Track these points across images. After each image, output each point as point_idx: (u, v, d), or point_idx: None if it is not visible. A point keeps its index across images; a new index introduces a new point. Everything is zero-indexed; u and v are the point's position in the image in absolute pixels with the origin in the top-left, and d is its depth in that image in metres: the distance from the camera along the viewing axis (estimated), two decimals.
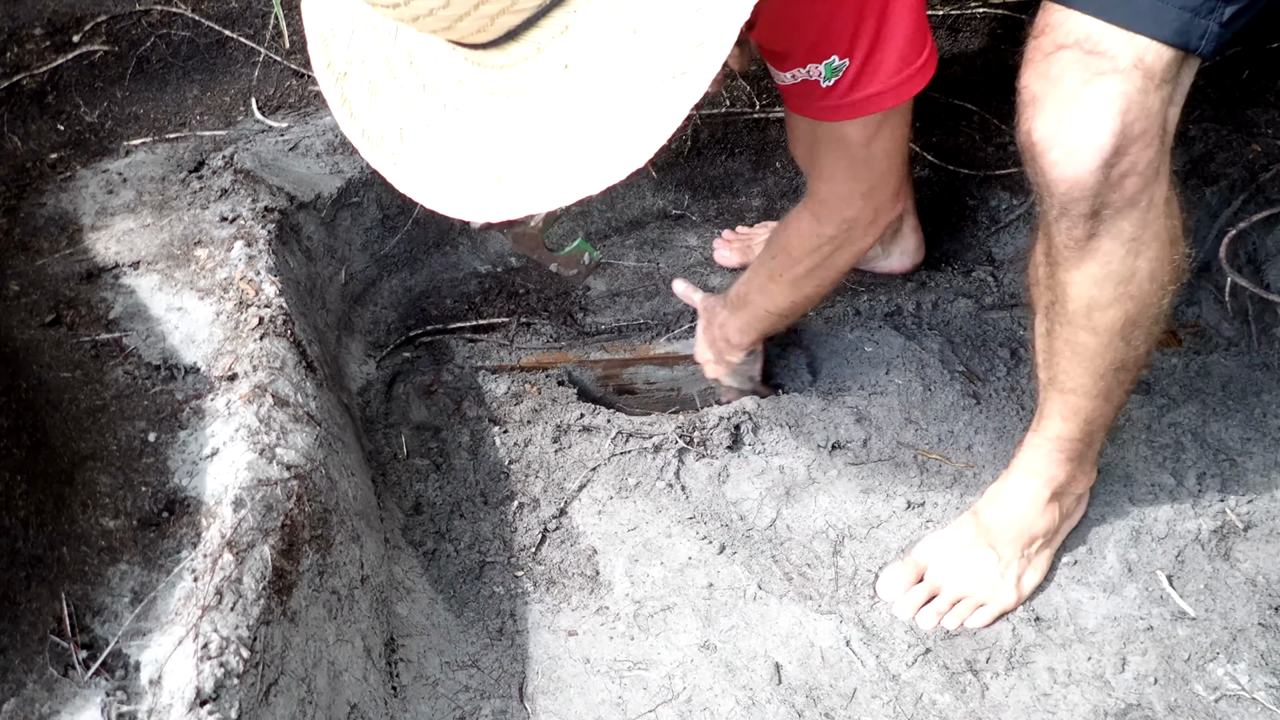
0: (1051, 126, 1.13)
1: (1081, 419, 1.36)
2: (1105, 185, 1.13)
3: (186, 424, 1.28)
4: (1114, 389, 1.33)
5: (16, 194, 1.71)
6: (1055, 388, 1.35)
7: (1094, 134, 1.10)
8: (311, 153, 1.87)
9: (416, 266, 1.98)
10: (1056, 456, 1.41)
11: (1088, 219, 1.16)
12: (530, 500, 1.57)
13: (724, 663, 1.37)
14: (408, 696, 1.30)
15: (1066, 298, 1.25)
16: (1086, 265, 1.21)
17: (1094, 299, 1.23)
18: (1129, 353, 1.29)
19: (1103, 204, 1.15)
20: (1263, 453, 1.63)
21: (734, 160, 2.13)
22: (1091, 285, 1.22)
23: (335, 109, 1.05)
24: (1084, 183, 1.13)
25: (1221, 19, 1.07)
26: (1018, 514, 1.44)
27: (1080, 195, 1.14)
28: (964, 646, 1.41)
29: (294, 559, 1.17)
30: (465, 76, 0.97)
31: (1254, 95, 1.99)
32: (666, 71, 0.85)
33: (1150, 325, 1.27)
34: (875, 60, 1.22)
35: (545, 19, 0.89)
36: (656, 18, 0.86)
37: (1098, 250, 1.19)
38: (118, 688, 1.00)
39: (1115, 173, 1.12)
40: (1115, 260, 1.20)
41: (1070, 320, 1.27)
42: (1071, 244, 1.20)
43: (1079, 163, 1.12)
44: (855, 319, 1.84)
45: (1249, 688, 1.35)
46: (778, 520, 1.57)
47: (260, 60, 2.07)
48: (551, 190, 0.91)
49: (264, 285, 1.47)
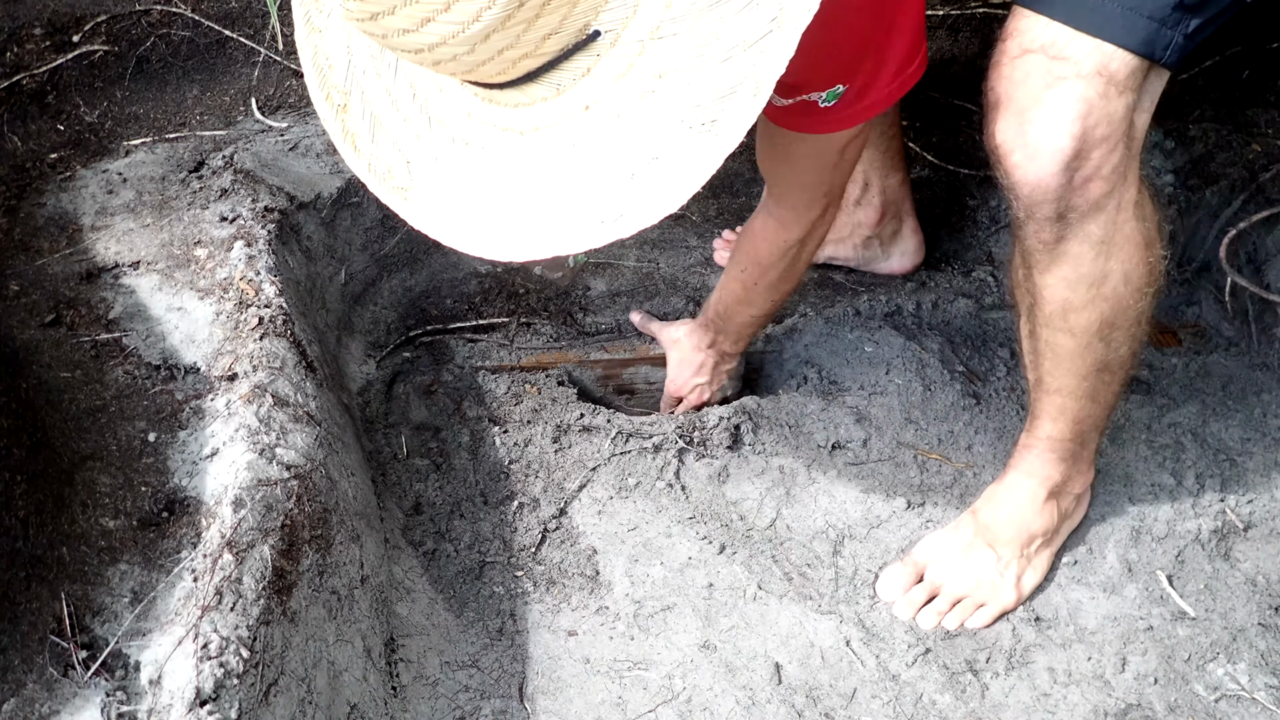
0: (1014, 129, 1.14)
1: (1070, 419, 1.37)
2: (1068, 189, 1.14)
3: (186, 424, 1.28)
4: (1099, 389, 1.34)
5: (16, 194, 1.71)
6: (1042, 389, 1.36)
7: (1054, 137, 1.11)
8: (311, 153, 1.87)
9: (416, 266, 1.98)
10: (1049, 456, 1.42)
11: (1054, 222, 1.18)
12: (530, 500, 1.57)
13: (724, 663, 1.37)
14: (408, 696, 1.30)
15: (1043, 300, 1.26)
16: (1058, 268, 1.22)
17: (1068, 301, 1.24)
18: (1109, 354, 1.29)
19: (1067, 207, 1.16)
20: (1263, 453, 1.64)
21: (734, 160, 2.11)
22: (1064, 288, 1.23)
23: (338, 143, 1.04)
24: (1046, 185, 1.14)
25: (1186, 31, 1.08)
26: (1016, 514, 1.44)
27: (1043, 198, 1.15)
28: (964, 646, 1.41)
29: (294, 559, 1.17)
30: (474, 111, 0.96)
31: (1254, 95, 1.99)
32: (696, 118, 0.86)
33: (1130, 327, 1.28)
34: (875, 79, 1.23)
35: (567, 61, 0.89)
36: (683, 65, 0.86)
37: (1067, 253, 1.20)
38: (118, 688, 1.00)
39: (1078, 176, 1.13)
40: (1085, 263, 1.20)
41: (1049, 322, 1.28)
42: (1041, 246, 1.21)
43: (1040, 166, 1.13)
44: (855, 319, 1.84)
45: (1249, 688, 1.35)
46: (778, 520, 1.57)
47: (260, 60, 2.07)
48: (580, 233, 0.91)
49: (264, 285, 1.47)
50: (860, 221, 1.91)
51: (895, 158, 1.86)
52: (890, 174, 1.86)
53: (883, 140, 1.82)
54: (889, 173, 1.86)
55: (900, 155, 1.87)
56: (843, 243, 1.94)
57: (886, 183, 1.87)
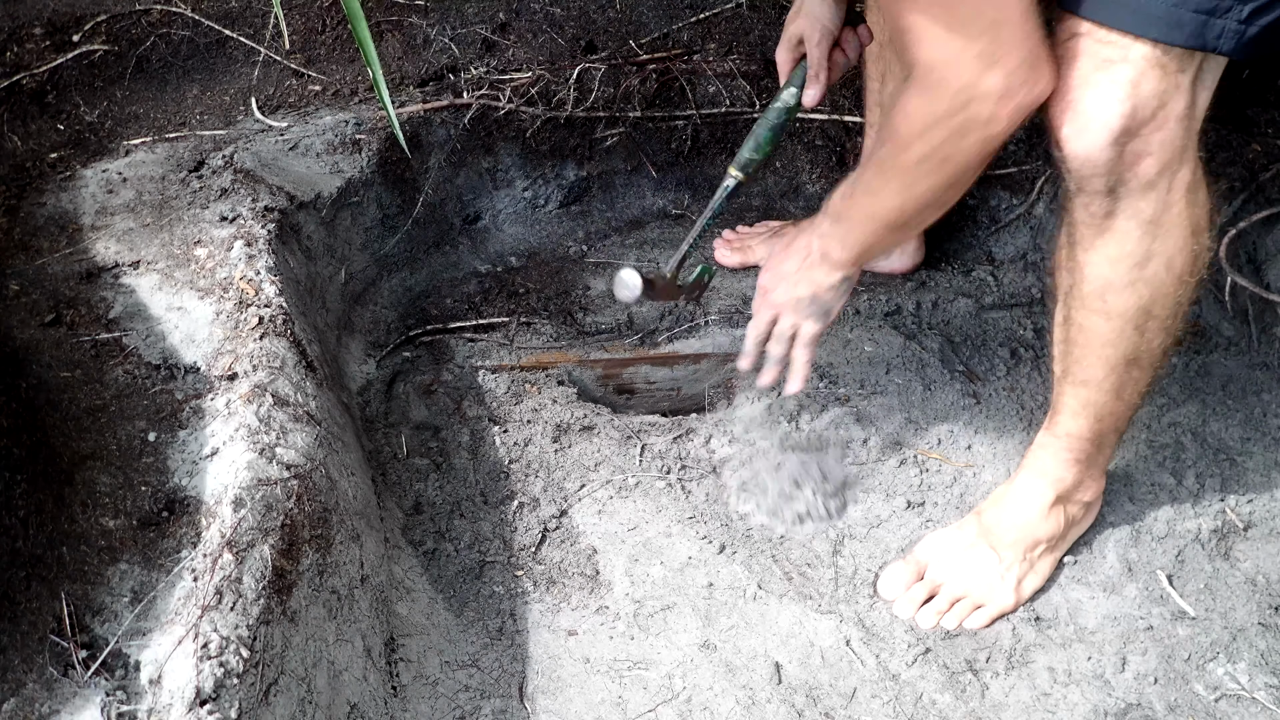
0: (1065, 103, 1.14)
1: (1092, 415, 1.36)
2: (1118, 163, 1.14)
3: (186, 424, 1.28)
4: (1126, 385, 1.33)
5: (16, 194, 1.71)
6: (1068, 380, 1.35)
7: (1105, 112, 1.11)
8: (311, 152, 1.87)
9: (416, 266, 1.98)
10: (1065, 457, 1.41)
11: (1104, 196, 1.18)
12: (530, 500, 1.57)
13: (724, 662, 1.37)
14: (408, 696, 1.30)
15: (1083, 278, 1.26)
16: (1103, 245, 1.22)
17: (1109, 281, 1.24)
18: (1141, 345, 1.29)
19: (1118, 181, 1.16)
20: (1263, 452, 1.64)
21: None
22: (1107, 266, 1.23)
23: None
24: (1096, 159, 1.14)
25: (1240, 16, 1.07)
26: (1021, 517, 1.44)
27: (1093, 172, 1.16)
28: (964, 646, 1.41)
29: (294, 559, 1.17)
30: None
31: (1254, 95, 1.99)
32: None
33: (1166, 318, 1.27)
34: None
35: None
36: None
37: (1115, 229, 1.20)
38: (118, 687, 1.00)
39: (1129, 151, 1.13)
40: (1131, 240, 1.20)
41: (1085, 303, 1.27)
42: (1089, 220, 1.21)
43: (1090, 139, 1.13)
44: (855, 319, 1.84)
45: (1249, 688, 1.35)
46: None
47: (260, 60, 2.07)
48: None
49: (264, 285, 1.47)
50: None
51: None
52: None
53: None
54: None
55: None
56: None
57: None
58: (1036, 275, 1.98)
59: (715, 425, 1.67)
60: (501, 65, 2.10)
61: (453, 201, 2.03)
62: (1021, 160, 2.02)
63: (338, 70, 2.09)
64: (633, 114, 2.05)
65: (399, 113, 1.94)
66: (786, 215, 2.09)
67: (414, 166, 1.96)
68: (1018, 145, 2.02)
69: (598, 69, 2.06)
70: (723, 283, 1.96)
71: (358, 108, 2.01)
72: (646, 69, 2.08)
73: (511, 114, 2.01)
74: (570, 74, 2.05)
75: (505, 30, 2.16)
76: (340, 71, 2.09)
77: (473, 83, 2.05)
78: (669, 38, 2.17)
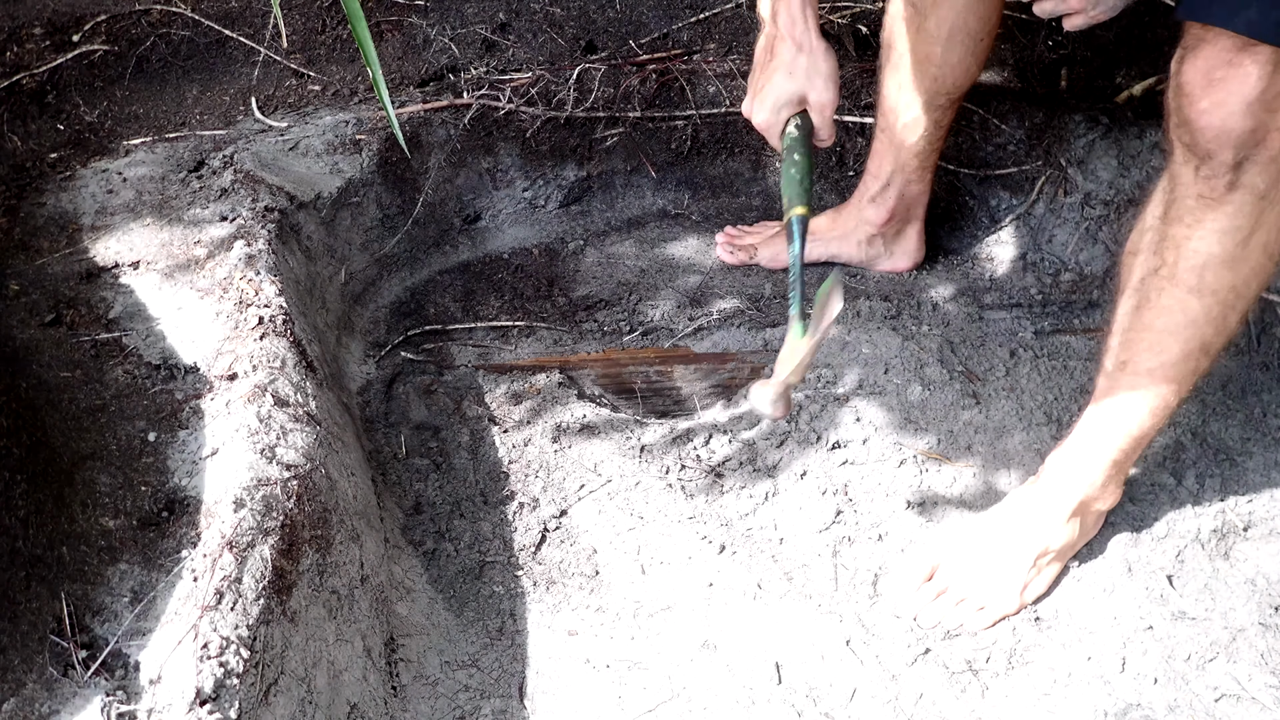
0: (1202, 75, 1.15)
1: (1143, 410, 1.36)
2: (1250, 136, 1.15)
3: (186, 424, 1.28)
4: (1185, 378, 1.33)
5: (16, 194, 1.71)
6: (1128, 371, 1.35)
7: (1243, 86, 1.13)
8: (311, 152, 1.87)
9: (416, 266, 1.98)
10: (1094, 461, 1.41)
11: (1229, 169, 1.18)
12: (530, 500, 1.57)
13: (724, 663, 1.37)
14: (408, 696, 1.30)
15: (1181, 256, 1.26)
16: (1214, 218, 1.22)
17: (1210, 255, 1.24)
18: (1222, 329, 1.29)
19: (1246, 156, 1.17)
20: (1263, 453, 1.64)
21: (734, 160, 2.13)
22: (1215, 239, 1.23)
23: None
24: (1230, 130, 1.15)
25: None
26: (1037, 524, 1.43)
27: (1225, 143, 1.16)
28: (964, 646, 1.41)
29: (294, 559, 1.17)
30: None
31: None
32: None
33: (1244, 307, 1.28)
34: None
35: None
36: None
37: (1230, 202, 1.21)
38: (117, 687, 1.00)
39: (1263, 126, 1.15)
40: (1243, 215, 1.21)
41: (1178, 281, 1.27)
42: (1208, 193, 1.21)
43: (1227, 111, 1.15)
44: (854, 319, 1.84)
45: (1249, 688, 1.35)
46: (778, 520, 1.57)
47: (260, 60, 2.07)
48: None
49: (264, 285, 1.47)
50: (868, 219, 1.91)
51: (928, 169, 1.86)
52: (915, 181, 1.86)
53: (927, 149, 1.83)
54: (915, 180, 1.86)
55: (933, 168, 1.87)
56: (846, 239, 1.94)
57: (908, 188, 1.87)
58: (1036, 275, 1.98)
59: (715, 426, 1.67)
60: (501, 65, 2.10)
61: (453, 201, 2.03)
62: (1021, 160, 2.02)
63: (338, 70, 2.10)
64: (633, 114, 2.05)
65: (399, 113, 1.94)
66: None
67: (414, 166, 1.96)
68: (1018, 145, 2.03)
69: (598, 69, 2.06)
70: (723, 282, 1.97)
71: (358, 108, 2.01)
72: (646, 69, 2.08)
73: (511, 114, 2.01)
74: (570, 74, 2.05)
75: (505, 30, 2.16)
76: (340, 71, 2.09)
77: (473, 83, 2.05)
78: (669, 38, 2.18)
